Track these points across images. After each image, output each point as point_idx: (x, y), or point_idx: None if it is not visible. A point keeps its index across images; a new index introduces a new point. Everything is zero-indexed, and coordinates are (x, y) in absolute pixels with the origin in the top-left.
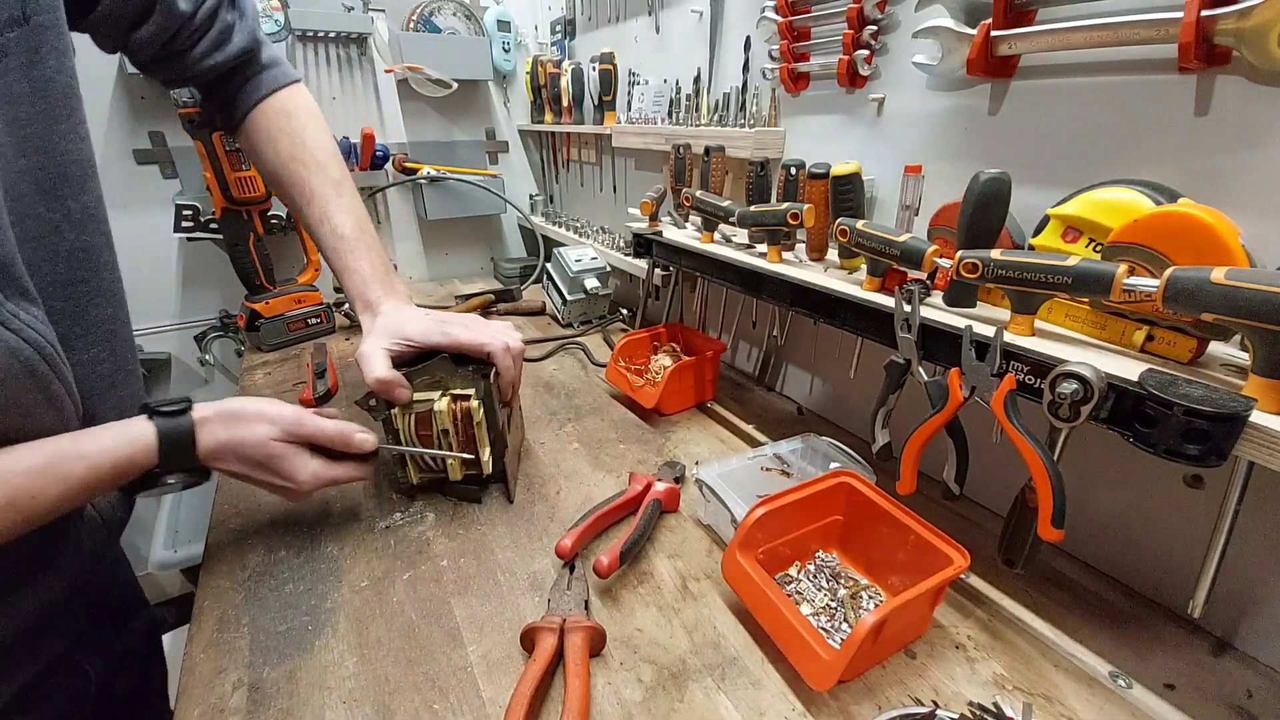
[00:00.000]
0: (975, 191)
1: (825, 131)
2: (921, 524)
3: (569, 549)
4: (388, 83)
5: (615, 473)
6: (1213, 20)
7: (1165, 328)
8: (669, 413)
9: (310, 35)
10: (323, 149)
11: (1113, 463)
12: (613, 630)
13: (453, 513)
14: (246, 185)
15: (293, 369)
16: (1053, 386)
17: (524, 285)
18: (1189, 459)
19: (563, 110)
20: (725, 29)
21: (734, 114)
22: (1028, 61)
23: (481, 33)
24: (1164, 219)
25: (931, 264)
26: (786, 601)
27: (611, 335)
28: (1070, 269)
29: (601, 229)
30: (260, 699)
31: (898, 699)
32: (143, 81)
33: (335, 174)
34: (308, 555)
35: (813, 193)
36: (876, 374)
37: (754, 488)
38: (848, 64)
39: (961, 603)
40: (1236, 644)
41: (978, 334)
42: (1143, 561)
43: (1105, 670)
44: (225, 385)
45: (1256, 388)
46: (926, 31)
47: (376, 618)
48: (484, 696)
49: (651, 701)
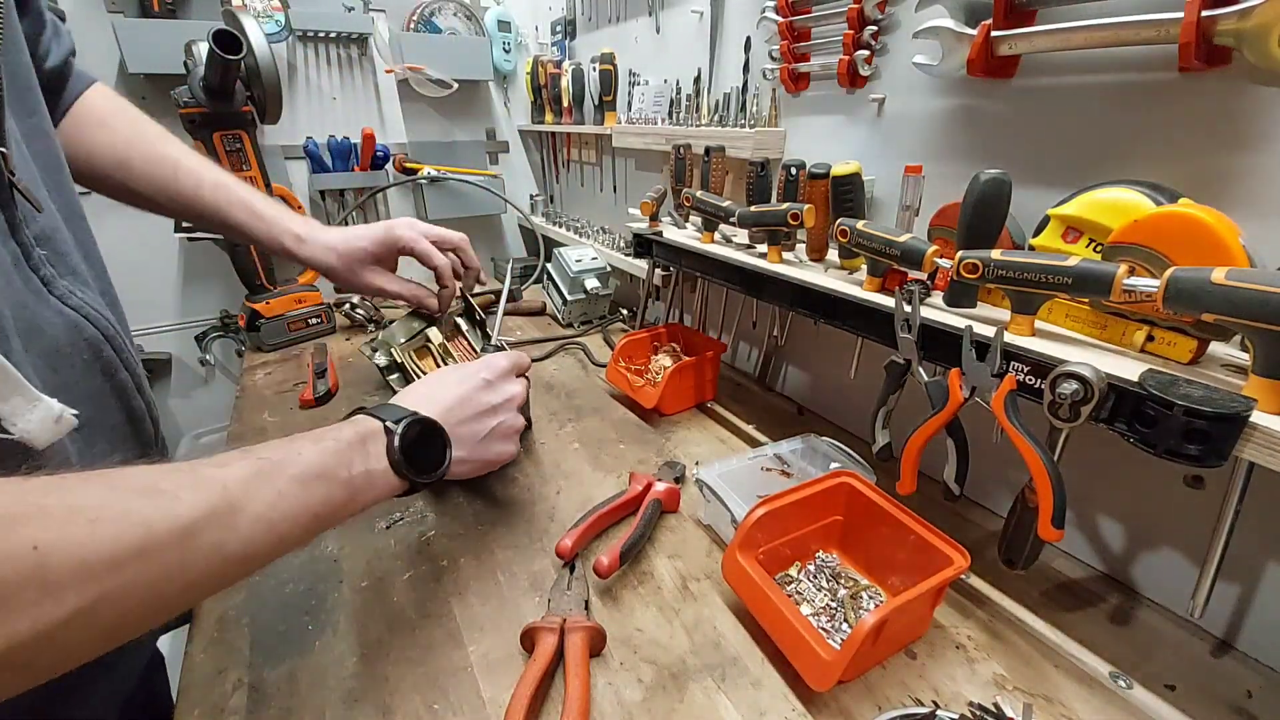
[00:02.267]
0: (975, 192)
1: (825, 132)
2: (922, 524)
3: (569, 549)
4: (388, 83)
5: (615, 473)
6: (1213, 20)
7: (1165, 328)
8: (669, 413)
9: (311, 35)
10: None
11: (1113, 463)
12: (613, 630)
13: (453, 513)
14: None
15: (293, 369)
16: (1053, 387)
17: (524, 285)
18: (1189, 459)
19: (563, 110)
20: (725, 29)
21: (734, 114)
22: (1028, 62)
23: (482, 33)
24: (1164, 219)
25: (932, 264)
26: (786, 602)
27: (612, 335)
28: (1070, 269)
29: (602, 229)
30: (260, 699)
31: (898, 699)
32: (143, 81)
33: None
34: (308, 555)
35: (813, 193)
36: (877, 374)
37: (754, 488)
38: (848, 64)
39: (962, 603)
40: (1237, 644)
41: (978, 334)
42: (1143, 562)
43: (1106, 670)
44: (225, 385)
45: (1257, 388)
46: (927, 32)
47: (377, 618)
48: (484, 696)
49: (651, 702)
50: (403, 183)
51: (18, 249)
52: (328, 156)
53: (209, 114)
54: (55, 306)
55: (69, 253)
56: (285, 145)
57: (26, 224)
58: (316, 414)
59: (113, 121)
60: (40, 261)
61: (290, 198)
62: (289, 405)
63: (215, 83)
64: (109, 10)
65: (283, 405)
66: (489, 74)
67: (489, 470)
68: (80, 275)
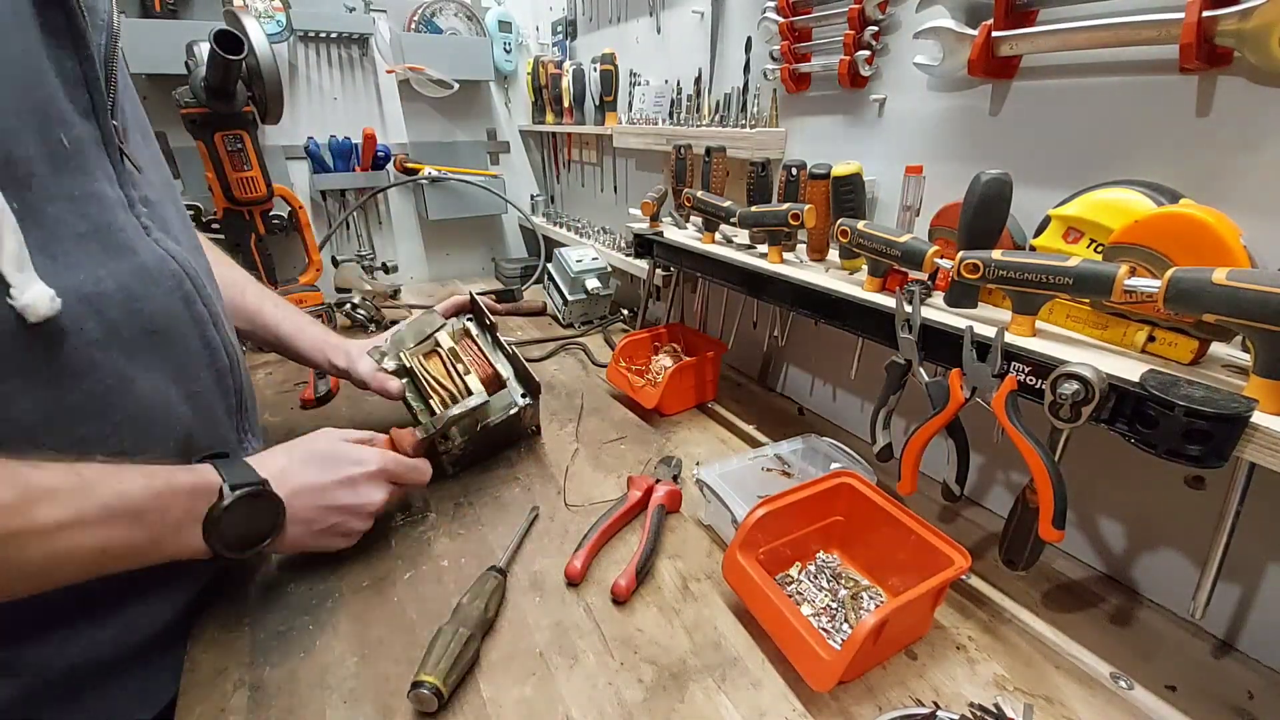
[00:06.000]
0: (976, 192)
1: (826, 132)
2: (922, 524)
3: (579, 571)
4: (389, 83)
5: (616, 473)
6: (1214, 21)
7: (1166, 328)
8: (670, 413)
9: (312, 35)
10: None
11: (1114, 464)
12: (613, 631)
13: (453, 513)
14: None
15: (294, 369)
16: (1054, 387)
17: (525, 285)
18: (1190, 460)
19: (564, 111)
20: (726, 29)
21: (735, 114)
22: (1029, 62)
23: (483, 33)
24: (1165, 220)
25: (932, 265)
26: (787, 602)
27: (612, 335)
28: (1071, 270)
29: (602, 229)
30: (261, 699)
31: (898, 700)
32: (145, 81)
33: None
34: (309, 555)
35: (814, 193)
36: (877, 374)
37: (755, 488)
38: (849, 64)
39: (962, 603)
40: (1238, 645)
41: (979, 334)
42: (1144, 562)
43: (1106, 671)
44: None
45: (1258, 388)
46: (927, 32)
47: (378, 618)
48: (485, 696)
49: (652, 702)
50: (403, 183)
51: (124, 196)
52: (329, 156)
53: (210, 114)
54: (149, 243)
55: (168, 218)
56: (286, 145)
57: (134, 186)
58: (317, 414)
59: None
60: (142, 213)
61: (291, 198)
62: (290, 405)
63: (216, 83)
64: None
65: (283, 405)
66: (490, 74)
67: (301, 552)
68: (173, 234)
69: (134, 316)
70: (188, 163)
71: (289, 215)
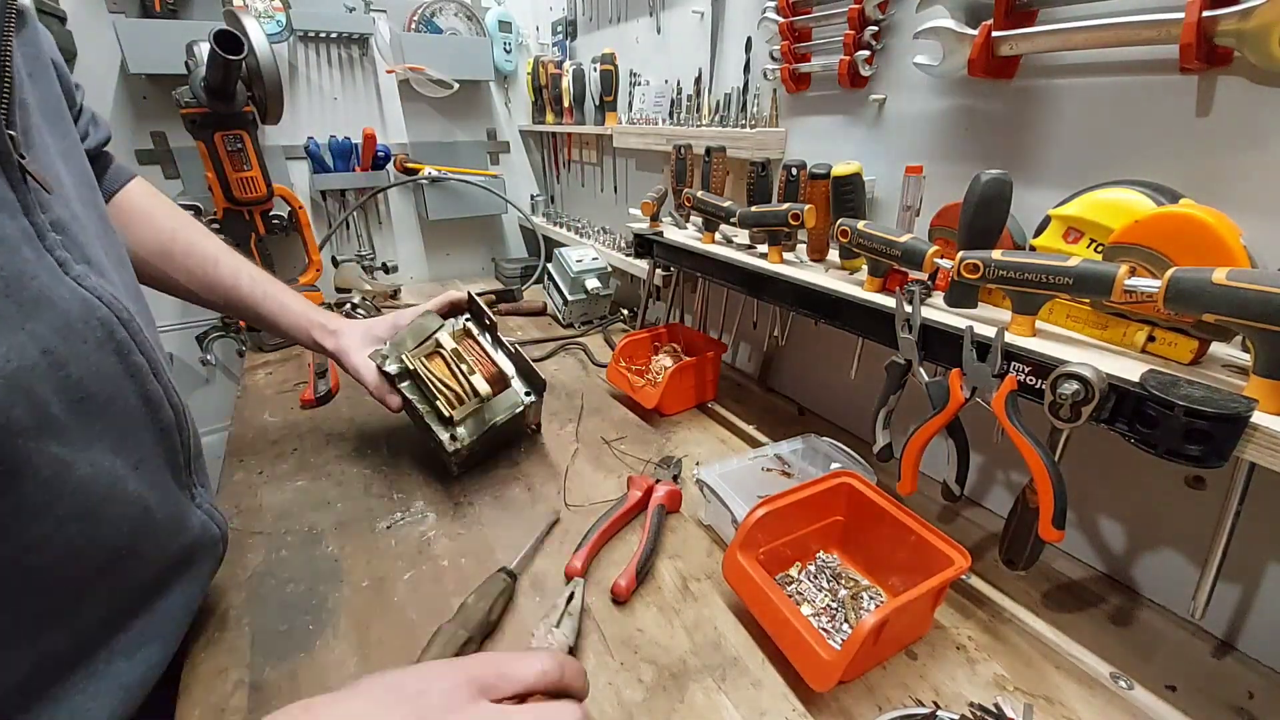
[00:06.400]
0: (976, 192)
1: (826, 132)
2: (922, 524)
3: (580, 569)
4: (389, 83)
5: (616, 473)
6: (1214, 21)
7: (1166, 328)
8: (670, 413)
9: (312, 36)
10: (196, 223)
11: (1114, 464)
12: (613, 631)
13: (453, 513)
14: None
15: (294, 369)
16: (1054, 387)
17: (525, 285)
18: (1190, 460)
19: (564, 111)
20: (726, 30)
21: (735, 114)
22: (1029, 62)
23: (483, 33)
24: (1165, 220)
25: (932, 265)
26: (787, 602)
27: (612, 335)
28: (1071, 270)
29: (602, 229)
30: (261, 698)
31: (898, 699)
32: (145, 81)
33: (218, 239)
34: (309, 555)
35: (814, 193)
36: (877, 374)
37: (755, 488)
38: (849, 64)
39: (962, 603)
40: (1238, 645)
41: (979, 334)
42: (1144, 562)
43: (1106, 671)
44: (226, 385)
45: (1258, 388)
46: (927, 32)
47: (378, 618)
48: None
49: (652, 702)
50: (403, 183)
51: (30, 227)
52: (329, 157)
53: (210, 114)
54: (69, 285)
55: (88, 244)
56: (286, 145)
57: (42, 209)
58: (317, 414)
59: (155, 214)
60: (55, 244)
61: (291, 198)
62: (290, 405)
63: (216, 83)
64: (110, 10)
65: (284, 405)
66: (490, 74)
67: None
68: (98, 266)
69: (62, 386)
70: (188, 162)
71: (289, 215)
